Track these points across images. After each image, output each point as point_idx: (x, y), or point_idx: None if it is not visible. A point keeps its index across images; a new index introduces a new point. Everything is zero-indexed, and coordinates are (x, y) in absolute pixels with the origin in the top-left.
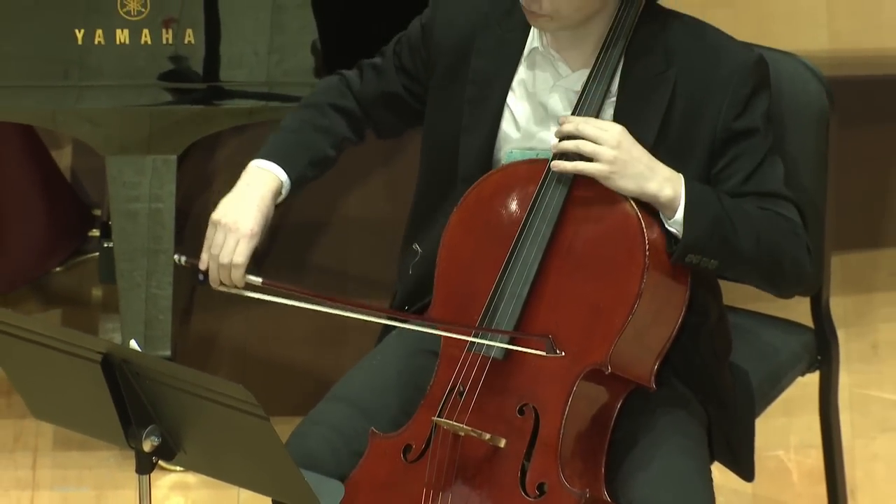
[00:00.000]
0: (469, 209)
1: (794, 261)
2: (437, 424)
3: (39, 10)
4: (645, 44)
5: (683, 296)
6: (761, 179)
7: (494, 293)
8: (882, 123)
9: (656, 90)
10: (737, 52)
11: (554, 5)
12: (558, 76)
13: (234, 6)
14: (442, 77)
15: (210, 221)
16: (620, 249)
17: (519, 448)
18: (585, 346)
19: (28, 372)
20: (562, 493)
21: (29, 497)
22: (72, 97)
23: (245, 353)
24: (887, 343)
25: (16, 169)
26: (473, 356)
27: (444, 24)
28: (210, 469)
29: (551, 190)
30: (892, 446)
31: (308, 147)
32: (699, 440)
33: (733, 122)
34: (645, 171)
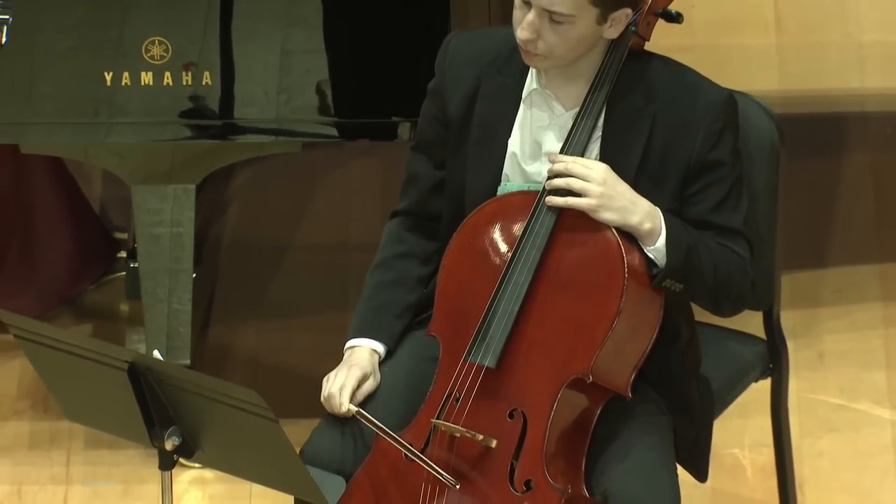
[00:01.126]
0: (467, 234)
1: (739, 294)
2: (436, 426)
3: (73, 55)
4: (628, 83)
5: (657, 314)
6: (727, 214)
7: (488, 310)
8: (826, 155)
9: (638, 125)
10: (710, 91)
11: (548, 46)
12: (553, 115)
13: (247, 51)
14: (456, 126)
15: (325, 397)
16: (603, 273)
17: (508, 448)
18: (569, 358)
19: (62, 379)
20: (546, 489)
21: (63, 491)
22: (101, 133)
23: (257, 361)
24: (831, 352)
25: (48, 202)
26: (469, 365)
27: (452, 83)
28: (225, 466)
29: (541, 219)
30: (836, 445)
31: (385, 307)
32: (666, 440)
33: (706, 153)
34: (628, 205)
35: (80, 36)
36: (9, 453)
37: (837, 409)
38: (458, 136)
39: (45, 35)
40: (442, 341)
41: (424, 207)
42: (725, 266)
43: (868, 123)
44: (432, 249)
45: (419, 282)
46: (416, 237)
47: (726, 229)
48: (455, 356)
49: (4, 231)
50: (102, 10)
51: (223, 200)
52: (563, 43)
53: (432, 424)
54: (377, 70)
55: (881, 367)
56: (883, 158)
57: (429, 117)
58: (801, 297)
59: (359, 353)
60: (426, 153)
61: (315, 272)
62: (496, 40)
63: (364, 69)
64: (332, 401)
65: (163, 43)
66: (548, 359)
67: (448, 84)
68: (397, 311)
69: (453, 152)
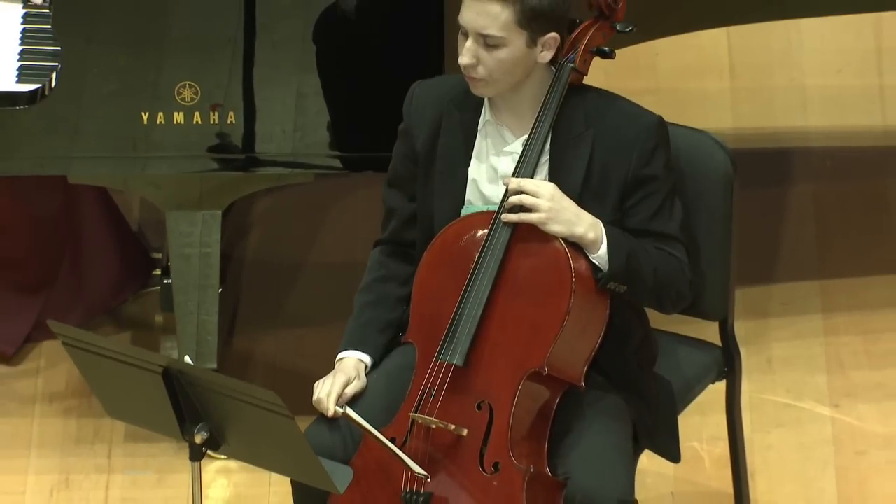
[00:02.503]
0: (435, 251)
1: (678, 293)
2: (414, 419)
3: (114, 98)
4: (570, 111)
5: (604, 313)
6: (664, 221)
7: (455, 315)
8: (774, 185)
9: (579, 147)
10: (643, 115)
11: (487, 70)
12: (505, 143)
13: (267, 94)
14: (423, 160)
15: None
16: (553, 278)
17: (478, 436)
18: (527, 354)
19: (105, 381)
20: (511, 469)
21: (105, 479)
22: (139, 166)
23: (275, 366)
24: (778, 358)
25: (94, 225)
26: (440, 364)
27: (417, 123)
28: (248, 457)
29: (499, 233)
30: (783, 439)
31: (369, 324)
32: (623, 430)
33: (641, 169)
34: (573, 217)
35: (121, 81)
36: (58, 446)
37: (784, 407)
38: (425, 168)
39: (90, 80)
40: (417, 346)
41: (402, 236)
42: (664, 268)
43: (810, 157)
44: (410, 272)
45: (399, 301)
46: (395, 262)
47: (663, 235)
48: (429, 357)
49: (56, 250)
50: (140, 59)
51: (246, 224)
52: (499, 66)
53: (411, 418)
54: (379, 111)
55: (822, 370)
56: (823, 187)
57: (400, 156)
58: (752, 309)
59: (345, 363)
60: (400, 188)
61: (326, 287)
62: (453, 84)
63: (367, 110)
64: (320, 405)
65: (193, 87)
66: (509, 355)
67: (414, 125)
68: (380, 327)
69: (422, 183)
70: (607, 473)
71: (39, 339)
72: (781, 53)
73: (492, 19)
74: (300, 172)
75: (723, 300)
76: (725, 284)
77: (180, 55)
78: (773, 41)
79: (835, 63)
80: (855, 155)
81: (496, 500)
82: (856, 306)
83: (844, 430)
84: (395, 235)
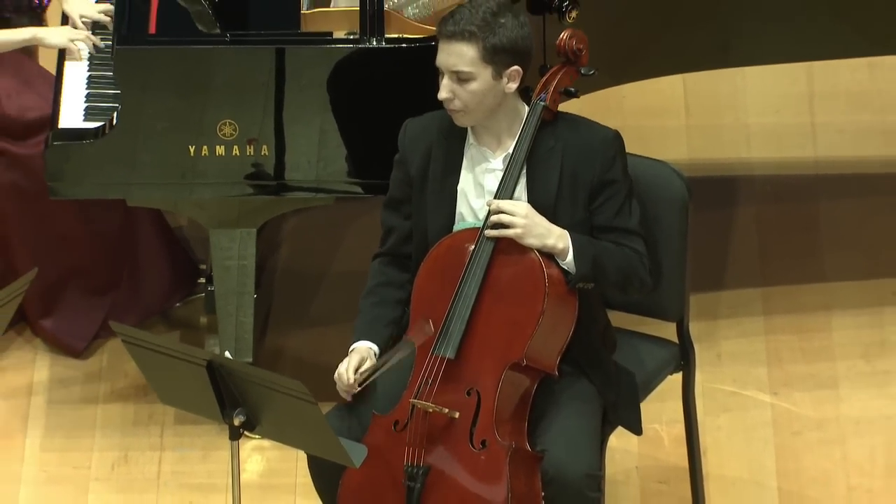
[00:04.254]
0: (431, 262)
1: (641, 281)
2: (414, 405)
3: (166, 133)
4: (542, 135)
5: (573, 313)
6: (625, 218)
7: (447, 316)
8: (723, 207)
9: (550, 161)
10: (602, 130)
11: (463, 102)
12: (487, 162)
13: (294, 130)
14: (417, 183)
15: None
16: (529, 284)
17: (468, 417)
18: (509, 348)
19: (157, 372)
20: (496, 445)
21: (158, 456)
22: (187, 191)
23: (301, 359)
24: (726, 353)
25: (149, 240)
26: (435, 357)
27: (411, 153)
28: (278, 437)
29: (483, 247)
30: (730, 421)
31: (375, 320)
32: (591, 411)
33: (603, 175)
34: (545, 231)
35: (171, 119)
36: (118, 428)
37: (731, 395)
38: (419, 189)
39: (145, 119)
40: (416, 341)
41: (399, 250)
42: (626, 263)
43: (753, 184)
44: (406, 279)
45: (398, 302)
46: (393, 270)
47: (625, 230)
48: (425, 352)
49: (118, 261)
50: (187, 101)
51: (277, 240)
52: (472, 97)
53: (411, 404)
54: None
55: (763, 363)
56: (764, 209)
57: (397, 181)
58: (704, 312)
59: (359, 348)
60: (397, 209)
61: (345, 293)
62: (440, 118)
63: (377, 144)
64: (341, 378)
65: (232, 124)
66: (493, 349)
67: (408, 154)
68: (385, 323)
69: (417, 201)
70: (576, 450)
71: (104, 337)
72: (729, 96)
73: (460, 57)
74: (322, 196)
75: (679, 304)
76: (681, 291)
77: (222, 97)
78: (722, 86)
79: (774, 104)
80: (791, 182)
81: (484, 471)
82: (792, 309)
83: (782, 414)
84: (393, 249)
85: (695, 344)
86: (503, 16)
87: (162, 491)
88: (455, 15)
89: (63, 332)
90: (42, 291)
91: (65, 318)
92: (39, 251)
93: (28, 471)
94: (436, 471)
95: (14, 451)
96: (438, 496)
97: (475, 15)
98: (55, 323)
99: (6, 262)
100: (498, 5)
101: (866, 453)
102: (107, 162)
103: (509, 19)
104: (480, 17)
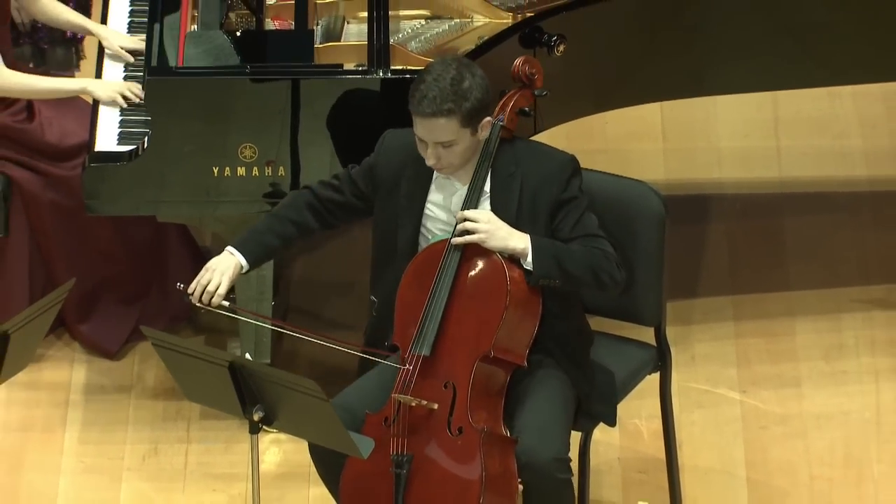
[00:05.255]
0: (410, 275)
1: (610, 276)
2: (397, 399)
3: (192, 156)
4: (502, 157)
5: (537, 310)
6: (584, 226)
7: (423, 316)
8: (696, 223)
9: (511, 185)
10: (558, 154)
11: (449, 161)
12: (455, 189)
13: (307, 154)
14: (384, 193)
15: (205, 267)
16: (493, 283)
17: (445, 407)
18: (478, 342)
19: (184, 372)
20: (471, 431)
21: (185, 448)
22: (211, 208)
23: (314, 361)
24: (700, 355)
25: (177, 252)
26: (412, 356)
27: (384, 165)
28: (293, 430)
29: (452, 254)
30: (703, 417)
31: (263, 244)
32: (562, 401)
33: (561, 195)
34: (506, 235)
35: (197, 143)
36: (149, 423)
37: (704, 392)
38: (384, 198)
39: (173, 143)
40: (400, 345)
41: (326, 203)
42: (591, 260)
43: (724, 201)
44: (314, 228)
45: (286, 244)
46: (311, 215)
47: (587, 235)
48: (405, 351)
49: (148, 272)
50: (211, 126)
51: (291, 252)
52: (457, 156)
53: (395, 398)
54: None
55: (733, 364)
56: (734, 225)
57: (365, 169)
58: (680, 317)
59: (229, 260)
60: (353, 185)
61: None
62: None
63: None
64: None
65: (252, 147)
66: (464, 344)
67: (381, 161)
68: (268, 250)
69: (381, 209)
70: (545, 437)
71: (135, 340)
72: (702, 122)
73: (441, 131)
74: None
75: (656, 310)
76: (659, 299)
77: (242, 123)
78: (696, 113)
79: (742, 129)
80: (758, 199)
81: (461, 454)
82: (759, 315)
83: (750, 410)
84: (325, 197)
85: (671, 346)
86: (466, 79)
87: (188, 480)
88: (426, 94)
89: (98, 335)
90: (79, 299)
91: (100, 323)
92: (77, 263)
93: (67, 461)
94: (419, 457)
95: (54, 443)
96: (422, 479)
97: (444, 90)
98: (91, 327)
99: (47, 273)
100: (457, 70)
101: (826, 446)
102: (138, 182)
103: (471, 80)
104: (451, 90)
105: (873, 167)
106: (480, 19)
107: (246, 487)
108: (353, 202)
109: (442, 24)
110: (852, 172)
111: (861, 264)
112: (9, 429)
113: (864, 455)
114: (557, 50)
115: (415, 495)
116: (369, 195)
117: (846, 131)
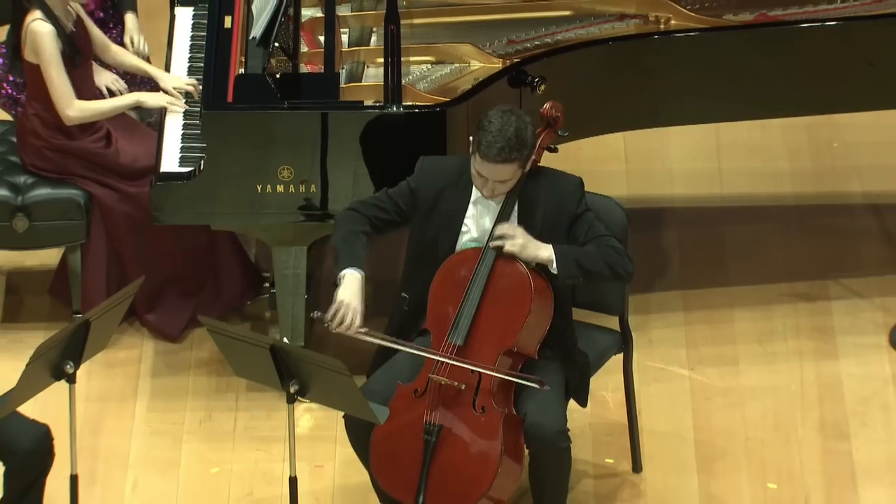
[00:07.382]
0: (444, 272)
1: (623, 266)
2: (431, 378)
3: (239, 175)
4: (529, 184)
5: (550, 313)
6: (594, 230)
7: (457, 313)
8: (653, 231)
9: (536, 206)
10: (570, 178)
11: (500, 191)
12: (488, 209)
13: (335, 174)
14: (424, 211)
15: (339, 300)
16: (520, 290)
17: (471, 388)
18: (503, 338)
19: (233, 353)
20: (493, 411)
21: (234, 415)
22: (255, 219)
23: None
24: (656, 339)
25: (227, 254)
26: (448, 344)
27: (426, 186)
28: (323, 401)
29: (486, 259)
30: (658, 390)
31: (360, 256)
32: (559, 383)
33: (576, 210)
34: (535, 247)
35: (244, 165)
36: (204, 394)
37: (659, 370)
38: (424, 216)
39: (224, 165)
40: (432, 331)
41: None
42: (607, 256)
43: (675, 214)
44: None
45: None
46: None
47: (599, 236)
48: (439, 338)
49: (204, 270)
50: (256, 151)
51: (322, 254)
52: (508, 187)
53: (429, 378)
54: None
55: (683, 346)
56: (684, 232)
57: (406, 191)
58: (639, 308)
59: (355, 279)
60: (395, 205)
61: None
62: (452, 166)
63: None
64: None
65: (289, 169)
66: (491, 338)
67: (421, 186)
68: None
69: (422, 225)
70: (549, 413)
71: (193, 327)
72: (657, 148)
73: (505, 173)
74: None
75: (621, 302)
76: (623, 293)
77: (281, 149)
78: (652, 140)
79: (690, 153)
80: (703, 212)
81: (483, 430)
82: (705, 307)
83: (697, 385)
84: (372, 214)
85: (632, 332)
86: (523, 128)
87: (237, 441)
88: (495, 143)
89: (162, 323)
90: (147, 293)
91: (164, 312)
92: (145, 264)
93: (137, 426)
94: (447, 428)
95: (126, 411)
96: (448, 447)
97: (510, 140)
98: (157, 316)
99: (121, 272)
100: (516, 121)
101: (759, 413)
102: (196, 197)
103: (526, 130)
104: (515, 142)
105: (798, 185)
106: (476, 64)
107: (284, 447)
108: (395, 219)
109: (445, 68)
110: (780, 190)
111: (788, 265)
112: (90, 399)
113: (790, 421)
114: (539, 89)
115: (440, 460)
116: (408, 213)
117: (776, 156)
